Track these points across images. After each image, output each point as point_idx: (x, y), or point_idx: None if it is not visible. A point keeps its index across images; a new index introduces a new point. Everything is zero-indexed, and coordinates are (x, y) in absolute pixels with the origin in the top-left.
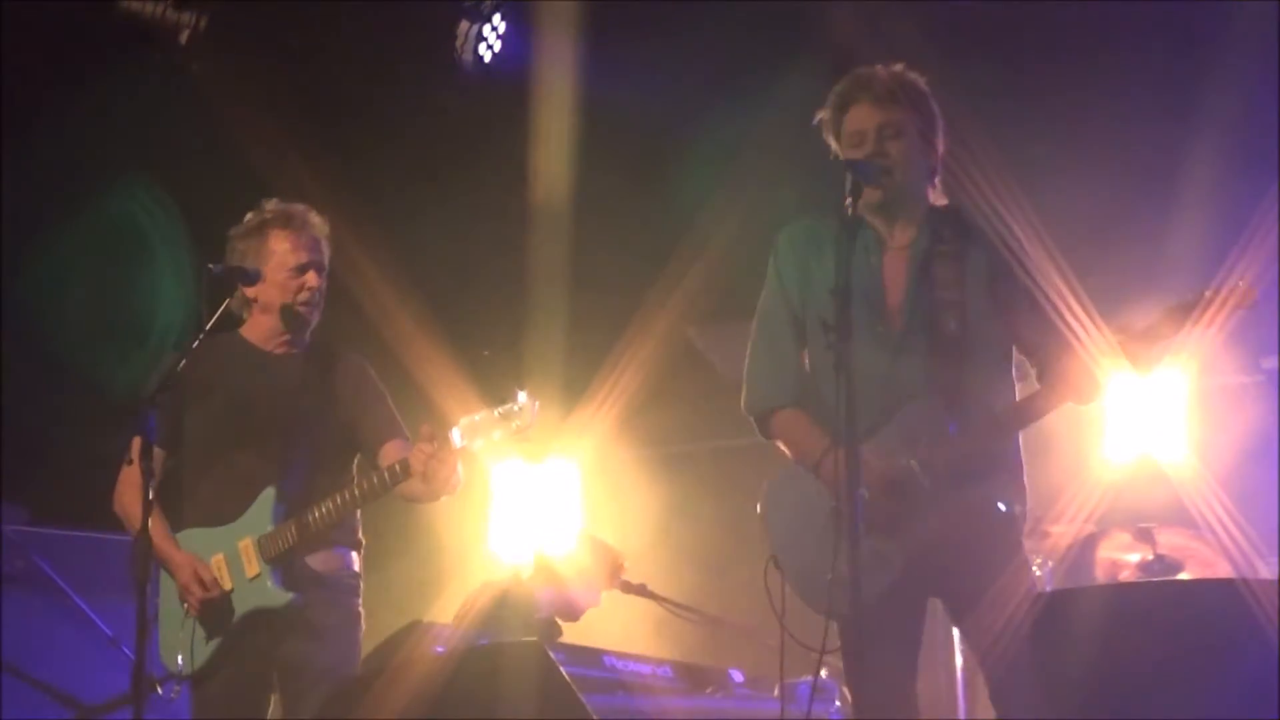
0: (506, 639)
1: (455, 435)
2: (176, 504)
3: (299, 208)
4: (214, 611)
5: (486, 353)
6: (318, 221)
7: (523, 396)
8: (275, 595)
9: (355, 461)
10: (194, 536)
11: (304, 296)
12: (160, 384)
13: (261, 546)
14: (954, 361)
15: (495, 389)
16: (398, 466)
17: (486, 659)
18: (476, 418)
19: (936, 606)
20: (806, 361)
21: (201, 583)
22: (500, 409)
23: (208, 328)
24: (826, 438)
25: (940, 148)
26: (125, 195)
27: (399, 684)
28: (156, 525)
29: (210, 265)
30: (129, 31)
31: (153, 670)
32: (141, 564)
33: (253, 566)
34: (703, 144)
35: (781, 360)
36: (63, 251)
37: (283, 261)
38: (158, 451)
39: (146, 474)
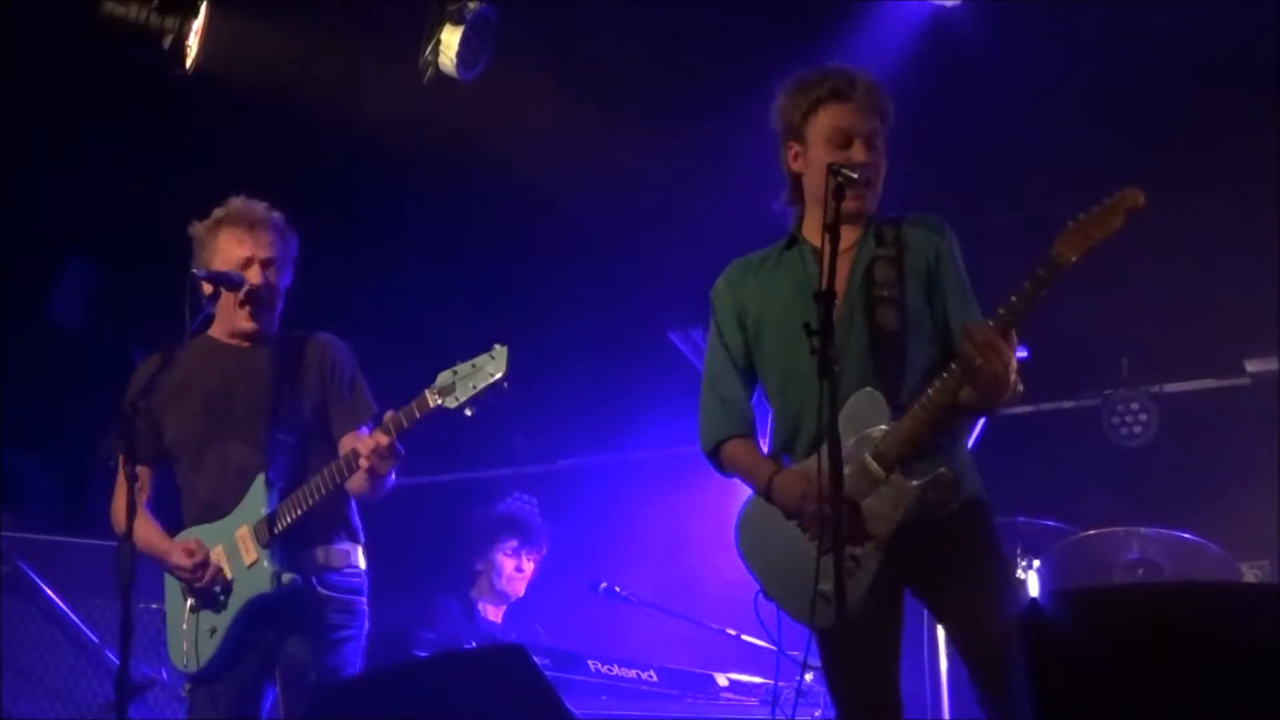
0: None
1: (431, 394)
2: (177, 507)
3: (253, 205)
4: (213, 593)
5: None
6: (272, 218)
7: (497, 346)
8: (272, 578)
9: None
10: (195, 534)
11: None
12: (141, 389)
13: (256, 533)
14: (895, 355)
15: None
16: (349, 456)
17: (469, 663)
18: (454, 369)
19: (925, 611)
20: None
21: (188, 552)
22: (475, 359)
23: (192, 331)
24: (772, 463)
25: None
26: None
27: (384, 687)
28: (147, 525)
29: (194, 270)
30: (111, 36)
31: (157, 672)
32: (126, 568)
33: (250, 554)
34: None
35: (723, 399)
36: (50, 261)
37: (227, 258)
38: (141, 468)
39: (130, 479)
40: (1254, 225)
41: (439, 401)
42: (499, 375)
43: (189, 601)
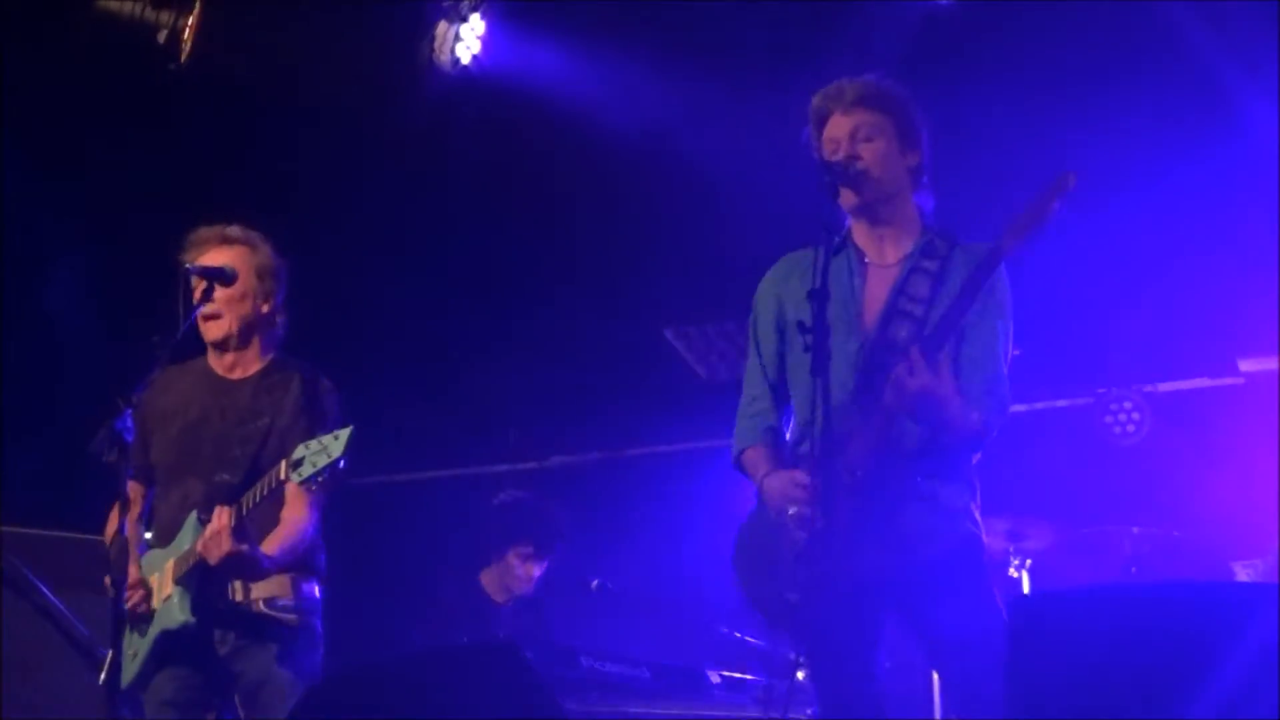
0: None
1: (286, 465)
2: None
3: (204, 229)
4: (139, 616)
5: None
6: (225, 234)
7: (345, 430)
8: (175, 617)
9: None
10: (151, 557)
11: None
12: (140, 386)
13: (175, 568)
14: (887, 367)
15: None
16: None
17: (460, 660)
18: (308, 444)
19: None
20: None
21: (134, 585)
22: (324, 438)
23: (185, 328)
24: (767, 465)
25: (924, 151)
26: None
27: (373, 685)
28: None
29: (186, 265)
30: (107, 31)
31: None
32: (117, 564)
33: (166, 588)
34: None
35: (753, 409)
36: (45, 257)
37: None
38: (137, 485)
39: (124, 474)
40: (1248, 223)
41: (290, 474)
42: (337, 456)
43: (127, 620)
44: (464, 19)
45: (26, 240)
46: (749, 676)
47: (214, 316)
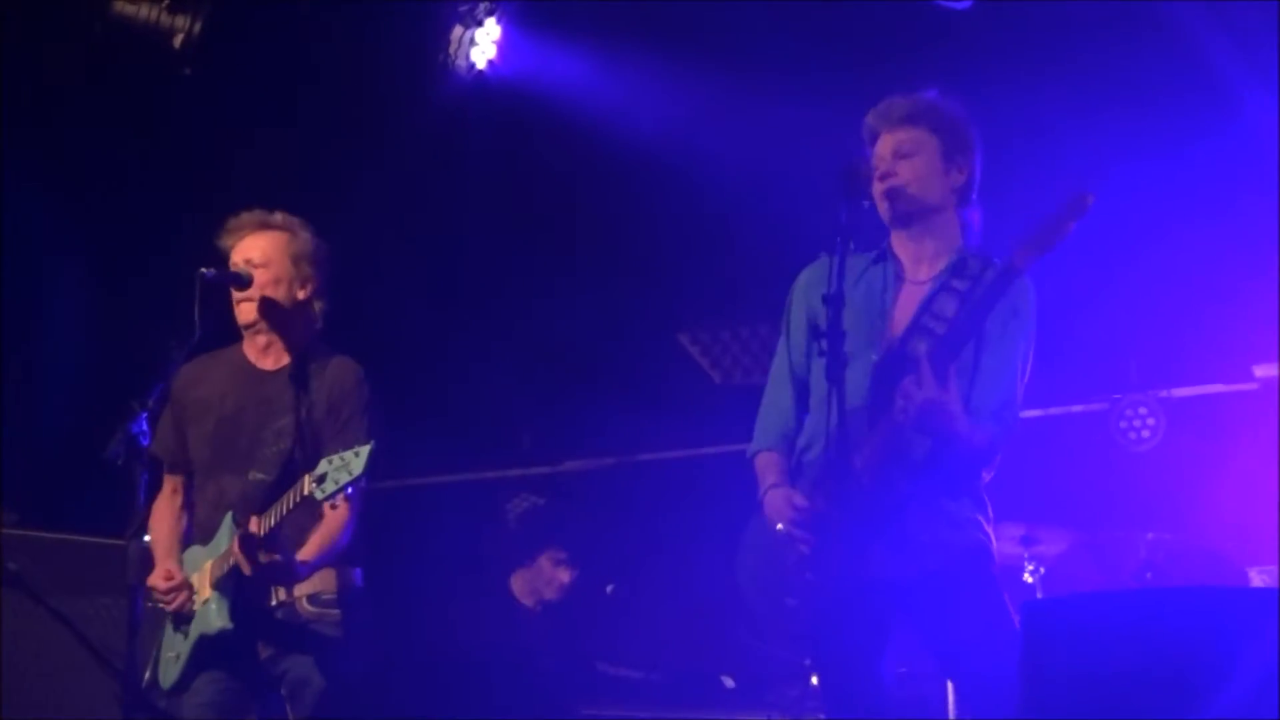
0: None
1: (310, 480)
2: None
3: (246, 213)
4: (182, 617)
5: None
6: (265, 221)
7: (365, 446)
8: (213, 623)
9: None
10: (190, 554)
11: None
12: (155, 390)
13: (212, 571)
14: (899, 378)
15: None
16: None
17: (485, 665)
18: (330, 459)
19: None
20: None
21: (167, 576)
22: (344, 454)
23: (199, 334)
24: (774, 476)
25: (973, 169)
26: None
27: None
28: (165, 530)
29: (202, 270)
30: (123, 36)
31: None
32: (134, 568)
33: (204, 591)
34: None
35: (776, 408)
36: (55, 258)
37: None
38: (176, 478)
39: (140, 476)
40: (1264, 229)
41: (314, 489)
42: (358, 474)
43: (170, 620)
44: (479, 23)
45: (28, 240)
46: (762, 681)
47: (246, 299)
